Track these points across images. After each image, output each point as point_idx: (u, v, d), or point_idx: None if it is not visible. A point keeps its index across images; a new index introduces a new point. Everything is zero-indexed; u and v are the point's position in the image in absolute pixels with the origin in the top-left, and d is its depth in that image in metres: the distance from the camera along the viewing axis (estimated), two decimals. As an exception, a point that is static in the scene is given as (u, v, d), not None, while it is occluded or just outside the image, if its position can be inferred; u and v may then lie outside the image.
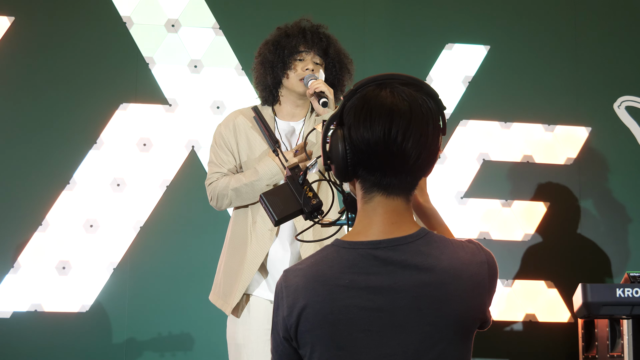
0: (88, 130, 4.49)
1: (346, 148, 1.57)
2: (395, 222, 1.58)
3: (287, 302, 1.57)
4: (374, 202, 1.59)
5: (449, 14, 4.89)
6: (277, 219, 2.01)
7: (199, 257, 4.42)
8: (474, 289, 1.55)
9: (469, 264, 1.56)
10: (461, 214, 4.73)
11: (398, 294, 1.52)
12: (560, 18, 4.97)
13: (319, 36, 3.19)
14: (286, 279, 1.59)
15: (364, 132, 1.55)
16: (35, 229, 4.37)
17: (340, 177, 1.62)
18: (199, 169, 4.54)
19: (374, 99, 1.58)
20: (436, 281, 1.53)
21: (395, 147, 1.54)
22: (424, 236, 1.58)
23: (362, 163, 1.57)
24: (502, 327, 4.68)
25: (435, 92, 1.64)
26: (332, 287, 1.54)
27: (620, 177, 4.87)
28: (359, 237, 1.58)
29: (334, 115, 1.62)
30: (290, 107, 3.19)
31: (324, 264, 1.57)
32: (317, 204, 1.96)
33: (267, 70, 3.17)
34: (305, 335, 1.55)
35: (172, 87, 4.58)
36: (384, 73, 1.64)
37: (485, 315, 1.59)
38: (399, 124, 1.54)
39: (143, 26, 4.61)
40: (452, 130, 4.79)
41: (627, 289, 3.76)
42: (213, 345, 4.37)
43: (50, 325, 4.32)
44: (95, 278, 4.38)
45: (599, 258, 4.79)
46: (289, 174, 2.01)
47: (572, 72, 4.92)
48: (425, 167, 1.60)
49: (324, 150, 1.65)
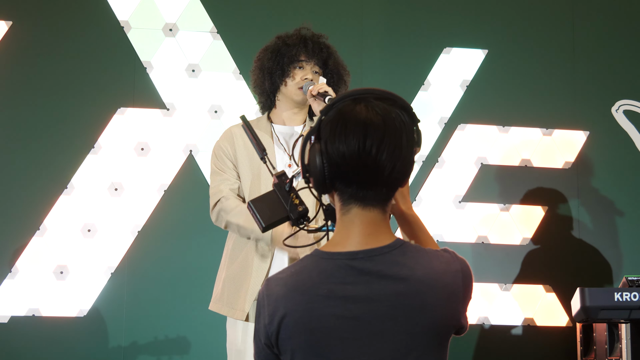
0: (86, 134, 4.49)
1: (323, 161, 1.63)
2: (371, 233, 1.64)
3: (268, 310, 1.62)
4: (351, 214, 1.65)
5: (447, 18, 4.89)
6: (265, 225, 2.06)
7: (197, 262, 4.42)
8: (449, 297, 1.60)
9: (444, 273, 1.61)
10: (459, 218, 4.73)
11: (374, 304, 1.58)
12: (558, 22, 4.98)
13: (320, 46, 3.20)
14: (268, 287, 1.65)
15: (340, 146, 1.61)
16: (33, 233, 4.37)
17: (318, 189, 1.68)
18: (197, 173, 4.54)
19: (349, 113, 1.63)
20: (411, 291, 1.58)
21: (370, 160, 1.60)
22: (400, 247, 1.63)
23: (339, 176, 1.63)
24: (500, 332, 4.67)
25: (409, 106, 1.69)
26: (311, 296, 1.59)
27: (618, 181, 4.87)
28: (337, 248, 1.64)
29: (311, 129, 1.67)
30: (287, 113, 3.20)
31: (303, 273, 1.63)
32: (303, 211, 2.02)
33: (265, 76, 3.18)
34: (285, 343, 1.60)
35: (170, 91, 4.58)
36: (360, 88, 1.69)
37: (461, 322, 1.63)
38: (373, 136, 1.60)
39: (141, 30, 4.61)
40: (450, 135, 4.79)
41: (626, 293, 3.76)
42: (211, 350, 4.37)
43: (48, 329, 4.32)
44: (93, 283, 4.38)
45: (597, 262, 4.78)
46: (276, 182, 2.06)
47: (570, 76, 4.93)
48: (400, 179, 1.65)
49: (302, 163, 1.70)
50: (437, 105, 4.78)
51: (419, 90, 4.76)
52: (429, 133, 4.75)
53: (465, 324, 1.65)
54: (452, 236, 4.71)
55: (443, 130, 4.78)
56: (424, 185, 4.72)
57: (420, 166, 4.73)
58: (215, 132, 4.51)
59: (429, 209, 4.71)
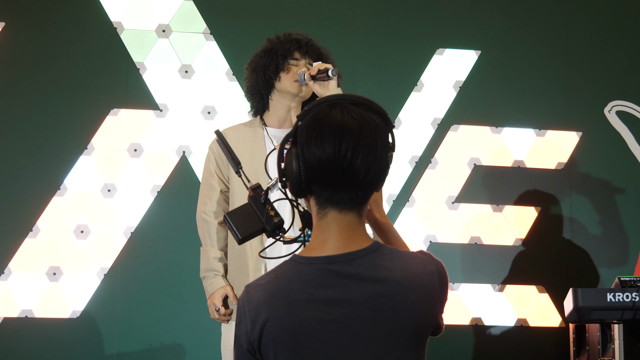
0: (79, 135, 4.48)
1: (300, 165, 1.67)
2: (349, 237, 1.67)
3: (249, 316, 1.65)
4: (328, 218, 1.68)
5: (439, 19, 4.89)
6: (241, 237, 2.10)
7: (190, 263, 4.42)
8: (426, 297, 1.64)
9: (421, 274, 1.65)
10: (452, 218, 4.73)
11: (354, 306, 1.61)
12: (551, 23, 4.99)
13: (313, 46, 3.20)
14: (248, 294, 1.67)
15: (316, 150, 1.64)
16: (26, 234, 4.36)
17: (295, 193, 1.71)
18: (190, 174, 4.54)
19: (324, 117, 1.67)
20: (390, 292, 1.62)
21: (345, 163, 1.63)
22: (377, 249, 1.67)
23: (315, 179, 1.66)
24: (493, 332, 4.68)
25: (384, 111, 1.72)
26: (292, 301, 1.62)
27: (611, 182, 4.88)
28: (315, 253, 1.67)
29: (288, 134, 1.72)
30: (282, 112, 3.19)
31: (283, 279, 1.66)
32: (279, 222, 2.07)
33: (259, 74, 3.17)
34: (267, 348, 1.63)
35: (163, 92, 4.58)
36: (336, 94, 1.73)
37: (438, 322, 1.67)
38: (348, 141, 1.63)
39: (134, 31, 4.61)
40: (443, 136, 4.80)
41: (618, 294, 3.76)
42: (204, 352, 4.37)
43: (40, 331, 4.31)
44: (86, 284, 4.38)
45: (590, 262, 4.79)
46: (251, 194, 2.09)
47: (563, 76, 4.94)
48: (375, 182, 1.68)
49: (279, 168, 1.74)
50: (430, 106, 4.79)
51: (411, 92, 4.76)
52: (421, 134, 4.76)
53: (442, 324, 1.69)
54: (445, 237, 4.72)
55: (436, 131, 4.78)
56: (417, 186, 4.73)
57: (414, 167, 4.74)
58: (208, 134, 4.51)
59: (422, 210, 4.71)
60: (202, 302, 4.32)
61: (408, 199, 4.72)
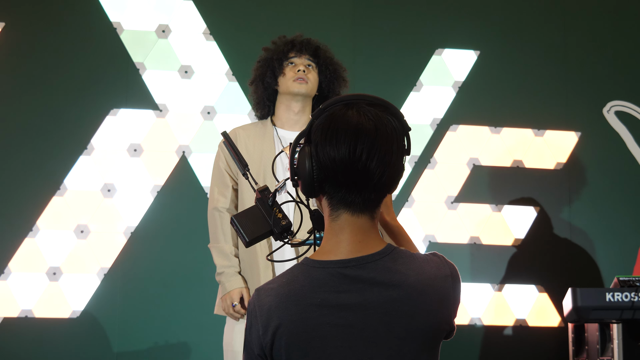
0: (78, 135, 4.48)
1: (313, 165, 1.63)
2: (362, 240, 1.63)
3: (261, 321, 1.61)
4: (340, 221, 1.64)
5: (439, 19, 4.90)
6: (248, 240, 2.07)
7: (190, 263, 4.43)
8: (441, 302, 1.61)
9: (435, 278, 1.62)
10: (452, 219, 4.74)
11: (368, 311, 1.58)
12: (550, 23, 4.99)
13: (308, 43, 3.22)
14: (259, 298, 1.64)
15: (330, 150, 1.61)
16: (26, 234, 4.36)
17: (307, 192, 1.68)
18: (190, 174, 4.54)
19: (340, 117, 1.63)
20: (404, 297, 1.59)
21: (360, 165, 1.59)
22: (391, 253, 1.64)
23: (328, 179, 1.63)
24: (492, 332, 4.69)
25: (401, 113, 1.70)
26: (305, 306, 1.59)
27: (609, 182, 4.89)
28: (328, 256, 1.64)
29: (302, 132, 1.68)
30: (290, 114, 3.21)
31: (295, 283, 1.62)
32: (287, 225, 2.03)
33: (259, 84, 3.22)
34: (280, 353, 1.60)
35: (162, 92, 4.59)
36: (352, 93, 1.69)
37: (451, 325, 1.65)
38: (364, 142, 1.60)
39: (133, 32, 4.61)
40: (442, 136, 4.80)
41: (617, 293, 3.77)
42: (206, 351, 4.37)
43: (40, 331, 4.31)
44: (86, 284, 4.38)
45: (589, 262, 4.80)
46: (258, 197, 2.07)
47: (562, 77, 4.94)
48: (389, 185, 1.65)
49: (291, 166, 1.71)
50: (429, 106, 4.79)
51: (411, 91, 4.77)
52: (421, 134, 4.76)
53: (454, 327, 1.67)
54: (445, 237, 4.72)
55: (435, 131, 4.79)
56: (416, 186, 4.73)
57: (413, 167, 4.74)
58: (208, 134, 4.52)
59: (422, 210, 4.72)
60: (202, 302, 4.34)
61: (407, 198, 4.72)
